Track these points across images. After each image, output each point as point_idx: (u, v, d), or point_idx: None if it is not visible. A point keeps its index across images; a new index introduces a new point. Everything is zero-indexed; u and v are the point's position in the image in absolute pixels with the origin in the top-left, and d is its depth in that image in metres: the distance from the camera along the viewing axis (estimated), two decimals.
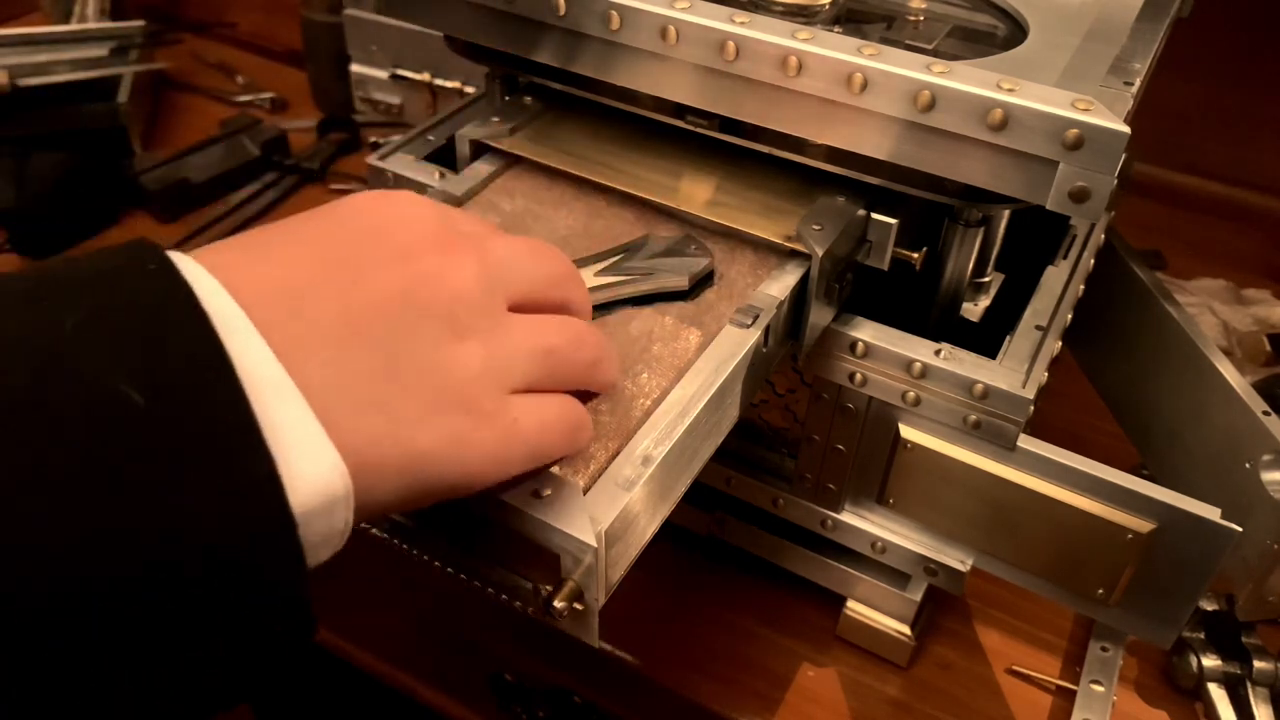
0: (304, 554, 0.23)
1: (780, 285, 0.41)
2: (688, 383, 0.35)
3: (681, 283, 0.40)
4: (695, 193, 0.45)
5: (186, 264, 0.24)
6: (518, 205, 0.45)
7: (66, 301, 0.22)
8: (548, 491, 0.30)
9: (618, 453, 0.33)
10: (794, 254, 0.42)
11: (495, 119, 0.48)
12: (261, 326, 0.24)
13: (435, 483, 0.27)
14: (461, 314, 0.27)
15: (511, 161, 0.47)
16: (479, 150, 0.48)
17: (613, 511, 0.30)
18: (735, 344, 0.37)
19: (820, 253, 0.41)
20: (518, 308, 0.30)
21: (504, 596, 0.32)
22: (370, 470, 0.25)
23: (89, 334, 0.22)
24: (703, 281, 0.41)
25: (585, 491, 0.31)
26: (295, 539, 0.23)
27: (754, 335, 0.38)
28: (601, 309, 0.39)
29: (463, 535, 0.33)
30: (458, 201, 0.45)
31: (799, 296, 0.42)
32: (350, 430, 0.24)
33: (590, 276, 0.40)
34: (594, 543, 0.29)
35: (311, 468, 0.23)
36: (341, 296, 0.26)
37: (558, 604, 0.29)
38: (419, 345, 0.26)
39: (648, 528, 0.33)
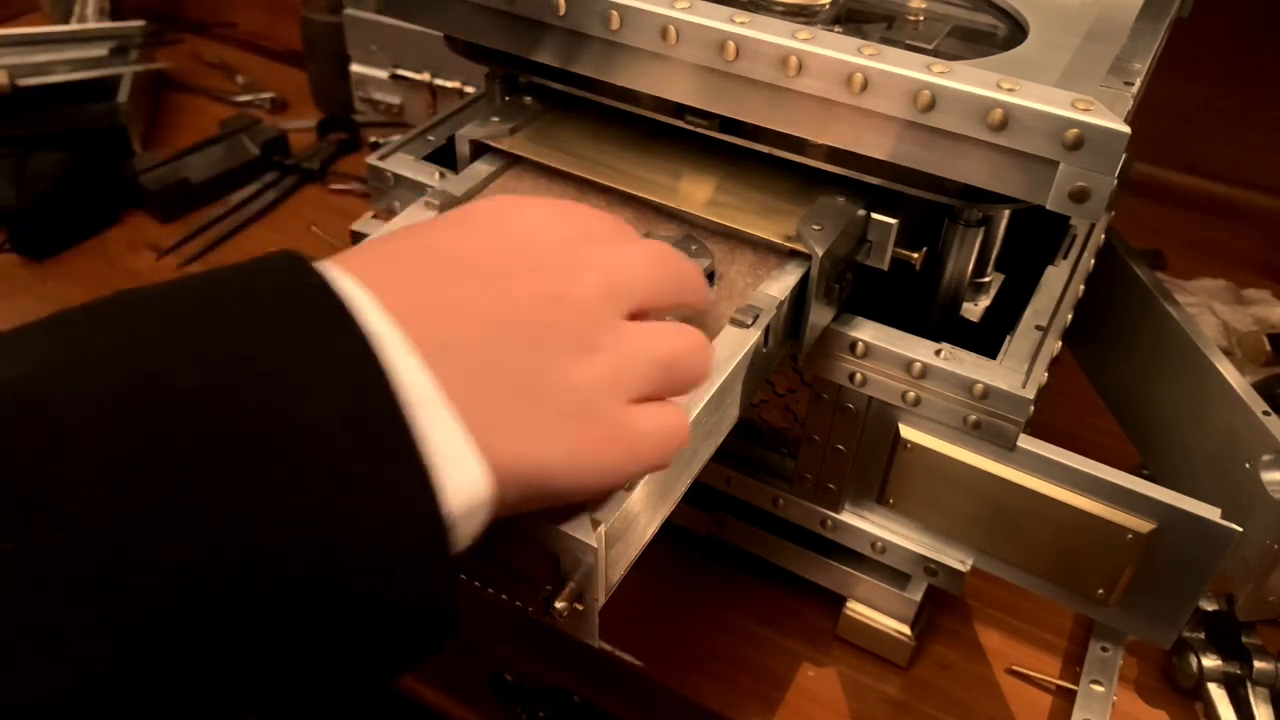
0: (451, 559, 0.25)
1: (780, 285, 0.41)
2: None
3: None
4: (695, 193, 0.45)
5: (340, 279, 0.25)
6: None
7: (235, 315, 0.24)
8: None
9: None
10: (794, 254, 0.42)
11: (495, 119, 0.48)
12: (412, 343, 0.25)
13: (557, 491, 0.28)
14: (588, 329, 0.29)
15: (511, 161, 0.47)
16: (479, 150, 0.48)
17: (613, 511, 0.30)
18: (735, 344, 0.37)
19: (820, 253, 0.41)
20: (639, 314, 0.31)
21: (504, 596, 0.32)
22: (503, 479, 0.26)
23: (256, 347, 0.23)
24: None
25: None
26: (445, 545, 0.24)
27: (754, 335, 0.38)
28: None
29: None
30: (457, 202, 0.45)
31: (799, 296, 0.42)
32: (490, 442, 0.26)
33: None
34: (594, 543, 0.29)
35: (460, 477, 0.25)
36: (481, 315, 0.27)
37: (558, 604, 0.29)
38: (552, 362, 0.28)
39: (648, 528, 0.33)
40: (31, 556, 0.20)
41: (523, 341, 0.27)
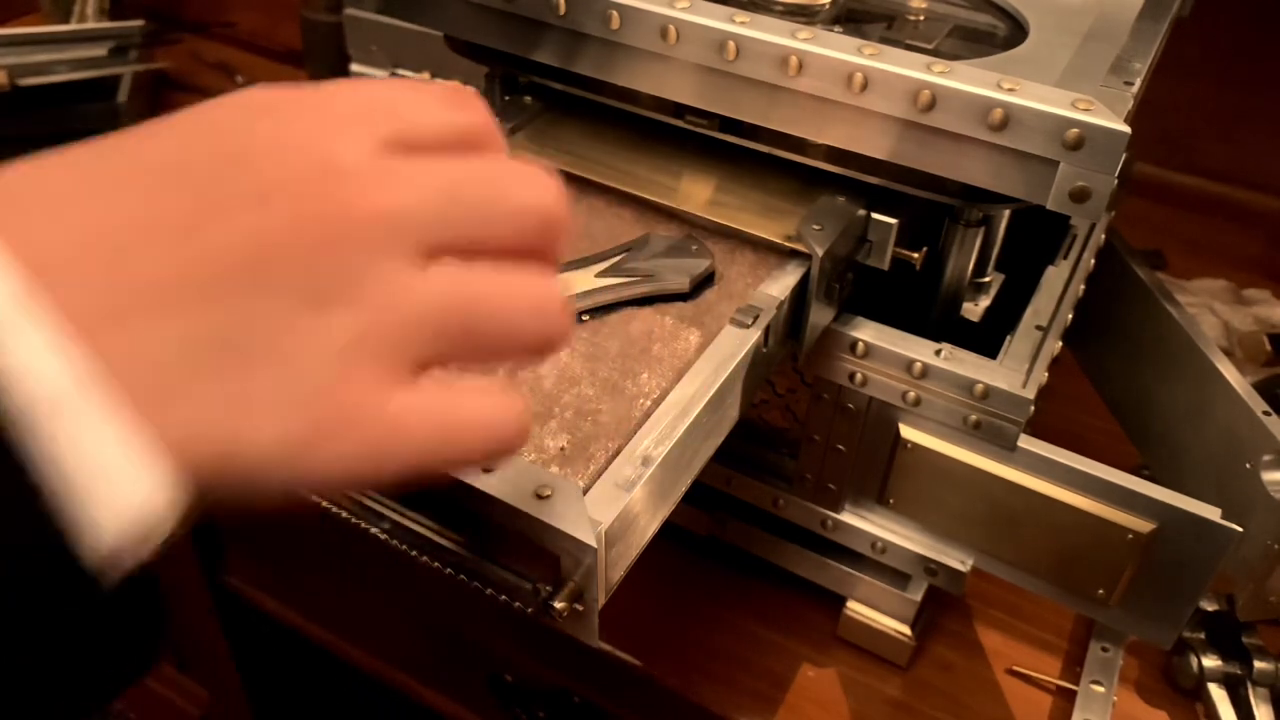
0: (104, 602, 0.19)
1: (780, 285, 0.41)
2: (688, 383, 0.35)
3: (683, 284, 0.40)
4: (695, 192, 0.45)
5: None
6: None
7: None
8: (548, 491, 0.30)
9: (618, 453, 0.33)
10: (794, 254, 0.42)
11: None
12: (62, 300, 0.18)
13: (271, 486, 0.21)
14: (330, 274, 0.21)
15: None
16: None
17: (613, 511, 0.30)
18: (735, 344, 0.37)
19: (820, 252, 0.41)
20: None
21: (504, 596, 0.32)
22: (199, 468, 0.20)
23: None
24: (703, 282, 0.41)
25: (585, 491, 0.31)
26: (92, 587, 0.19)
27: (754, 335, 0.38)
28: (602, 309, 0.39)
29: (462, 535, 0.33)
30: None
31: (799, 296, 0.42)
32: (177, 422, 0.19)
33: (590, 277, 0.40)
34: (594, 543, 0.29)
35: (124, 497, 0.19)
36: (174, 250, 0.20)
37: (558, 604, 0.29)
38: (267, 316, 0.20)
39: (648, 528, 0.33)
40: None
41: (227, 288, 0.20)
